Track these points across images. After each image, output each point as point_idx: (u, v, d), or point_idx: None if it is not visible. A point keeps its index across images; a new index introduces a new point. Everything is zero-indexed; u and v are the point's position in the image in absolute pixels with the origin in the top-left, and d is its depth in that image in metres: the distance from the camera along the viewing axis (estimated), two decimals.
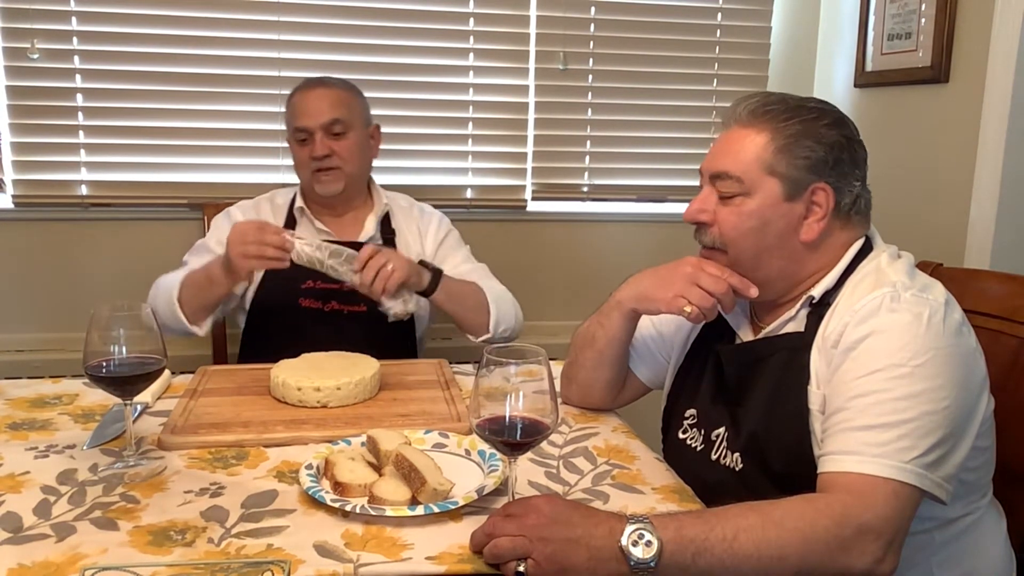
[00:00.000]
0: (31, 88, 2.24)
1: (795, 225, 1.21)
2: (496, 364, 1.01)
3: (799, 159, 1.19)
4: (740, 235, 1.22)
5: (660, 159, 2.63)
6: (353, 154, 1.94)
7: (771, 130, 1.20)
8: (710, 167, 1.25)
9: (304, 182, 1.97)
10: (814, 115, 1.21)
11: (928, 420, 1.05)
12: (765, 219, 1.21)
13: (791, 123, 1.20)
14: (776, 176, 1.19)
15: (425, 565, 0.96)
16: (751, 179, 1.20)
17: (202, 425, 1.35)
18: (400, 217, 2.04)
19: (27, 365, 2.21)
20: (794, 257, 1.23)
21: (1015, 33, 1.91)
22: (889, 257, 1.22)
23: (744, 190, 1.21)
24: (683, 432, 1.37)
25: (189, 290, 1.77)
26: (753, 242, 1.22)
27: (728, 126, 1.25)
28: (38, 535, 1.01)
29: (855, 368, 1.10)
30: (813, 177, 1.19)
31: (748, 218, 1.21)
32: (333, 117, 1.90)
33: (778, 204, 1.20)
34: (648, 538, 0.94)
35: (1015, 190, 1.96)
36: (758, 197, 1.20)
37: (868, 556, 0.98)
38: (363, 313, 1.87)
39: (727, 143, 1.24)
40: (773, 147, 1.19)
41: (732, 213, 1.22)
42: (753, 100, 1.24)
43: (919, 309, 1.10)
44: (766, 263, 1.23)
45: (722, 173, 1.22)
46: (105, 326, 1.17)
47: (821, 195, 1.20)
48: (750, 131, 1.21)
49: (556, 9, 2.47)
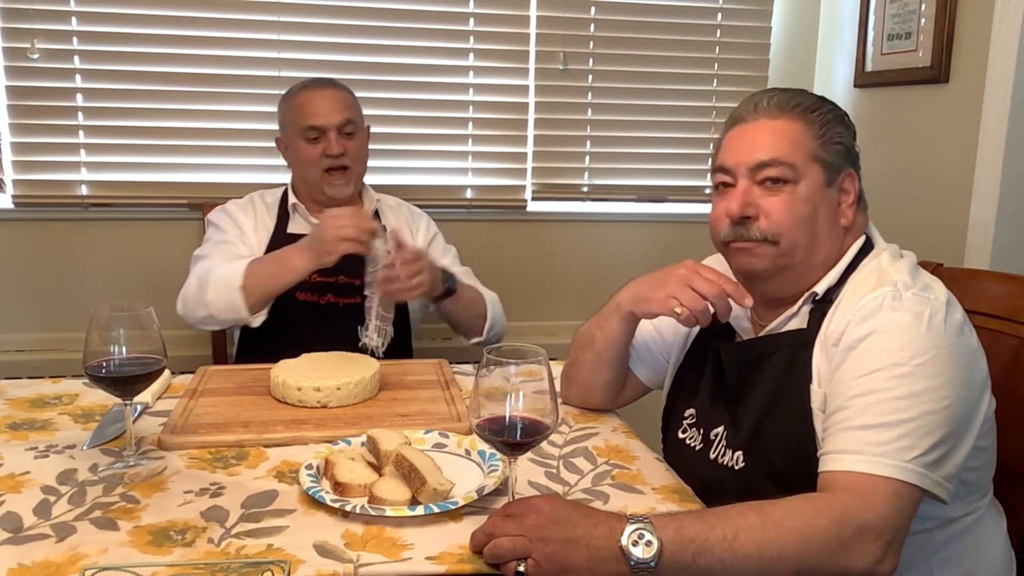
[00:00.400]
0: (31, 88, 2.24)
1: (837, 210, 1.23)
2: (496, 364, 1.01)
3: (836, 144, 1.22)
4: (795, 223, 1.20)
5: (660, 159, 2.63)
6: (361, 154, 1.98)
7: (804, 120, 1.22)
8: (750, 159, 1.22)
9: (310, 181, 1.96)
10: (832, 106, 1.25)
11: (929, 420, 1.05)
12: (815, 205, 1.21)
13: (820, 112, 1.23)
14: (818, 162, 1.21)
15: (425, 565, 0.96)
16: (802, 164, 1.20)
17: (202, 425, 1.35)
18: (389, 215, 2.06)
19: (27, 365, 2.22)
20: (836, 243, 1.24)
21: (1015, 33, 1.91)
22: (891, 256, 1.22)
23: (794, 176, 1.20)
24: (682, 432, 1.37)
25: (257, 279, 1.74)
26: (808, 229, 1.21)
27: (754, 119, 1.24)
28: (38, 535, 1.01)
29: (856, 367, 1.10)
30: (846, 163, 1.23)
31: (802, 205, 1.20)
32: (346, 117, 1.92)
33: (823, 190, 1.22)
34: (648, 538, 0.94)
35: (1015, 190, 1.96)
36: (806, 184, 1.21)
37: (868, 556, 0.98)
38: (358, 305, 1.88)
39: (763, 134, 1.22)
40: (811, 134, 1.21)
41: (783, 202, 1.20)
42: (777, 93, 1.25)
43: (920, 308, 1.10)
44: (818, 250, 1.22)
45: (770, 161, 1.20)
46: (105, 326, 1.16)
47: (849, 182, 1.23)
48: (784, 121, 1.22)
49: (556, 9, 2.47)
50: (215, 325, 1.83)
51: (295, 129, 1.94)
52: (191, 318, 1.80)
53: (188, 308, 1.80)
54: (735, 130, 1.27)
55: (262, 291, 1.75)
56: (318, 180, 1.94)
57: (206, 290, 1.76)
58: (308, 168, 1.94)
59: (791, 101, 1.23)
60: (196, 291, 1.78)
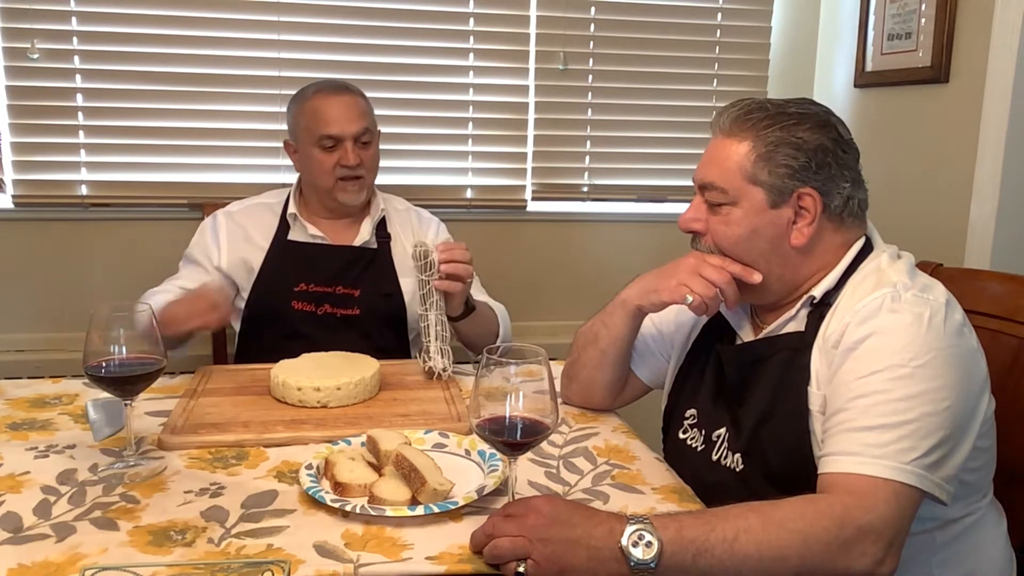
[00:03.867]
0: (31, 88, 2.24)
1: (784, 231, 1.21)
2: (496, 364, 1.01)
3: (780, 167, 1.19)
4: (731, 243, 1.23)
5: (660, 159, 2.63)
6: (375, 163, 1.95)
7: (752, 138, 1.20)
8: (697, 178, 1.27)
9: (322, 188, 1.92)
10: (794, 120, 1.20)
11: (929, 421, 1.04)
12: (753, 227, 1.21)
13: (771, 130, 1.19)
14: (759, 184, 1.20)
15: (425, 565, 0.96)
16: (735, 188, 1.21)
17: (202, 425, 1.35)
18: (396, 221, 2.03)
19: (27, 365, 2.21)
20: (787, 262, 1.23)
21: (1015, 33, 1.91)
22: (889, 257, 1.22)
23: (730, 199, 1.22)
24: (683, 432, 1.37)
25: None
26: (745, 250, 1.23)
27: (713, 135, 1.26)
28: (38, 535, 1.01)
29: (856, 368, 1.09)
30: (796, 183, 1.19)
31: (736, 226, 1.22)
32: (363, 127, 1.89)
33: (764, 212, 1.21)
34: (648, 539, 0.94)
35: (1015, 190, 1.96)
36: (743, 206, 1.21)
37: (868, 557, 0.98)
38: (356, 316, 1.88)
39: (711, 153, 1.25)
40: (754, 156, 1.19)
41: (721, 222, 1.24)
42: (735, 109, 1.24)
43: (920, 310, 1.10)
44: (761, 270, 1.23)
45: (707, 184, 1.24)
46: (105, 326, 1.17)
47: (808, 200, 1.20)
48: (732, 140, 1.22)
49: (556, 9, 2.47)
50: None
51: (308, 136, 1.89)
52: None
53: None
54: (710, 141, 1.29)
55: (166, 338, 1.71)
56: (331, 187, 1.90)
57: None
58: (321, 176, 1.89)
59: (744, 117, 1.22)
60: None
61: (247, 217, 1.97)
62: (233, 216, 1.97)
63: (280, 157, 2.36)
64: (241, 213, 1.98)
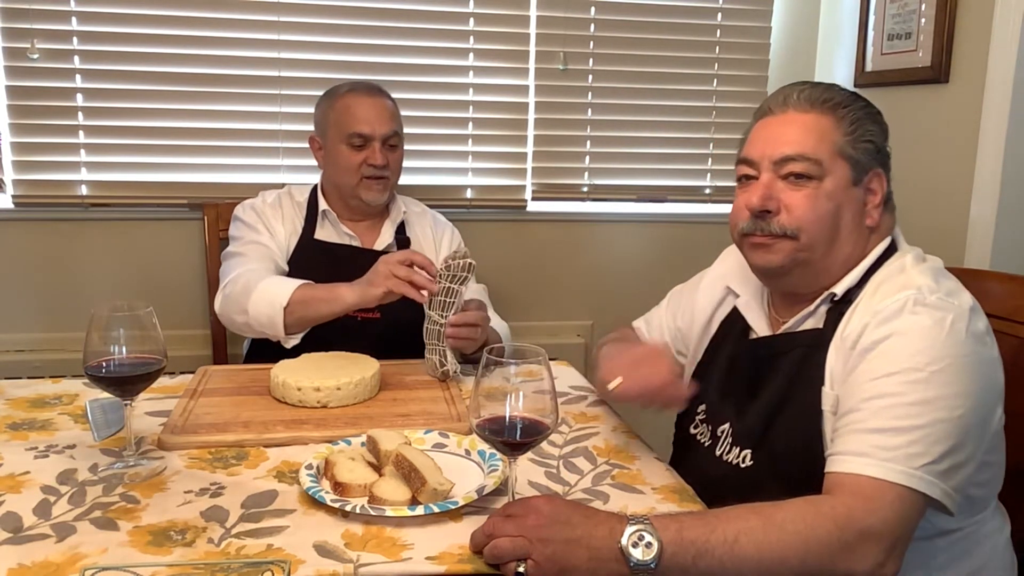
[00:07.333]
0: (31, 88, 2.24)
1: (862, 209, 1.21)
2: (496, 364, 1.01)
3: (864, 142, 1.19)
4: (817, 218, 1.19)
5: (660, 159, 2.63)
6: (399, 167, 1.97)
7: (834, 115, 1.20)
8: (774, 152, 1.20)
9: (345, 186, 1.92)
10: (865, 103, 1.22)
11: (940, 428, 1.03)
12: (839, 202, 1.19)
13: (852, 108, 1.20)
14: (845, 159, 1.19)
15: (425, 565, 0.96)
16: (827, 160, 1.18)
17: (202, 425, 1.35)
18: (415, 224, 2.05)
19: (27, 365, 2.21)
20: (860, 243, 1.22)
21: (1015, 33, 1.91)
22: (914, 259, 1.20)
23: (819, 172, 1.18)
24: (695, 427, 1.37)
25: (304, 304, 1.68)
26: (829, 226, 1.19)
27: (782, 112, 1.22)
28: (38, 535, 1.01)
29: (872, 369, 1.08)
30: (874, 162, 1.20)
31: (825, 201, 1.19)
32: (393, 129, 1.91)
33: (848, 188, 1.20)
34: (648, 539, 0.94)
35: (1015, 190, 1.96)
36: (831, 180, 1.19)
37: (869, 560, 0.98)
38: (377, 320, 1.86)
39: (790, 128, 1.21)
40: (840, 130, 1.19)
41: (807, 197, 1.19)
42: (806, 87, 1.23)
43: (942, 313, 1.08)
44: (839, 248, 1.21)
45: (795, 156, 1.19)
46: (105, 326, 1.16)
47: (876, 182, 1.21)
48: (812, 115, 1.20)
49: (556, 9, 2.47)
50: (250, 333, 1.79)
51: (337, 132, 1.90)
52: (228, 319, 1.77)
53: (227, 308, 1.76)
54: (762, 122, 1.25)
55: (304, 314, 1.68)
56: (355, 185, 1.90)
57: (249, 297, 1.71)
58: (346, 174, 1.90)
59: (822, 95, 1.21)
60: (239, 295, 1.73)
61: (277, 210, 1.97)
62: (271, 205, 1.97)
63: (280, 157, 2.37)
64: (274, 205, 1.98)
